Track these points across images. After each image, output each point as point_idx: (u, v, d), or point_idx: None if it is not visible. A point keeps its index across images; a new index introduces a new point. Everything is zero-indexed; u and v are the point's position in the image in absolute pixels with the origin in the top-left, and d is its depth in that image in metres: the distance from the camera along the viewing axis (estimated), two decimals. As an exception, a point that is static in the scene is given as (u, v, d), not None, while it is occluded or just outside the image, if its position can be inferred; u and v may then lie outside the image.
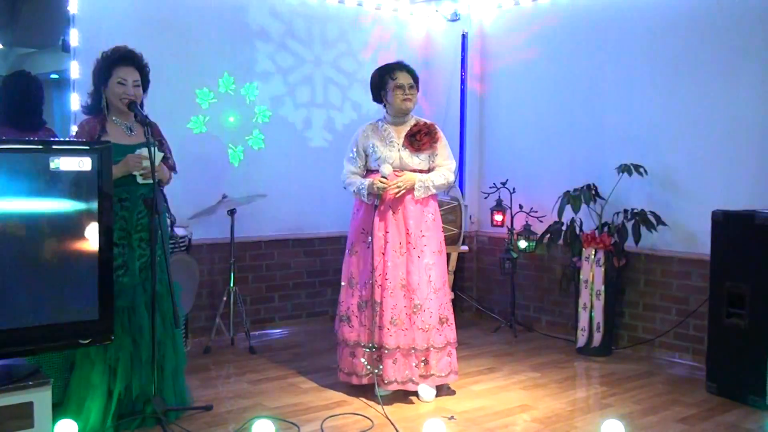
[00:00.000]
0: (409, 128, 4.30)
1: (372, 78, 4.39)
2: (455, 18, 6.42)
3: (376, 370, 4.18)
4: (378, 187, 4.16)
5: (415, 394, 4.30)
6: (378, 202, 4.18)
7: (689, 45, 5.03)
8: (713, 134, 4.93)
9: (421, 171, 4.28)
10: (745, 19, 4.77)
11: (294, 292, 6.02)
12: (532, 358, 5.21)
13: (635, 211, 5.12)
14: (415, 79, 4.32)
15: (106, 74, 3.73)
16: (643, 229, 5.05)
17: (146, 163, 3.62)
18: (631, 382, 4.67)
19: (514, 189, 5.93)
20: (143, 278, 3.72)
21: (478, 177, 6.49)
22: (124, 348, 3.66)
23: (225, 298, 5.29)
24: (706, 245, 4.52)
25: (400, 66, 4.32)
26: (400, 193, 4.18)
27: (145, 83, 3.82)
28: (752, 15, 4.74)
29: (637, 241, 5.08)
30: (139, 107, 3.73)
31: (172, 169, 3.97)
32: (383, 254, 4.20)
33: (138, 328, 3.68)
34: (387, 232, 4.21)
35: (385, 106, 4.38)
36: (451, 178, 4.34)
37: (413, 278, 4.20)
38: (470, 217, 6.42)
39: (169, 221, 4.28)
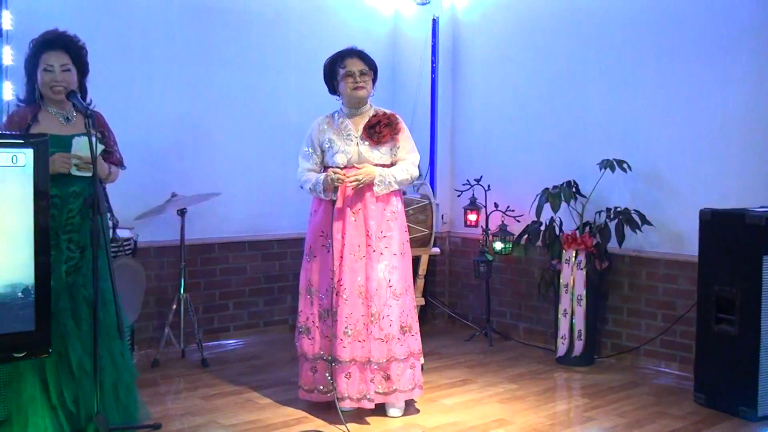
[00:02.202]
0: (367, 120, 4.30)
1: (324, 68, 4.38)
2: (425, 1, 6.43)
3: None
4: (332, 179, 4.12)
5: (376, 411, 4.25)
6: (335, 197, 4.16)
7: (676, 34, 5.09)
8: (701, 128, 4.99)
9: (382, 166, 4.27)
10: (733, 8, 4.83)
11: (250, 299, 5.99)
12: (508, 368, 5.23)
13: (618, 209, 5.16)
14: (370, 64, 4.30)
15: (34, 62, 3.68)
16: (627, 230, 5.10)
17: (84, 156, 3.55)
18: (614, 394, 4.71)
19: (489, 186, 5.96)
20: (70, 283, 3.66)
21: (450, 173, 6.51)
22: (50, 357, 3.59)
23: (174, 307, 5.24)
24: (694, 246, 4.56)
25: (350, 52, 4.30)
26: (358, 187, 4.17)
27: (81, 67, 3.75)
28: (741, 4, 4.81)
29: (620, 242, 5.12)
30: (78, 95, 3.67)
31: (119, 164, 3.91)
32: (341, 258, 4.18)
33: (59, 336, 3.60)
34: (345, 234, 4.19)
35: (339, 97, 4.37)
36: (415, 172, 4.33)
37: (372, 284, 4.17)
38: (442, 216, 6.43)
39: (111, 223, 4.21)
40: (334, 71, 4.31)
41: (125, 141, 4.01)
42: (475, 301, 6.32)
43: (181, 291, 5.25)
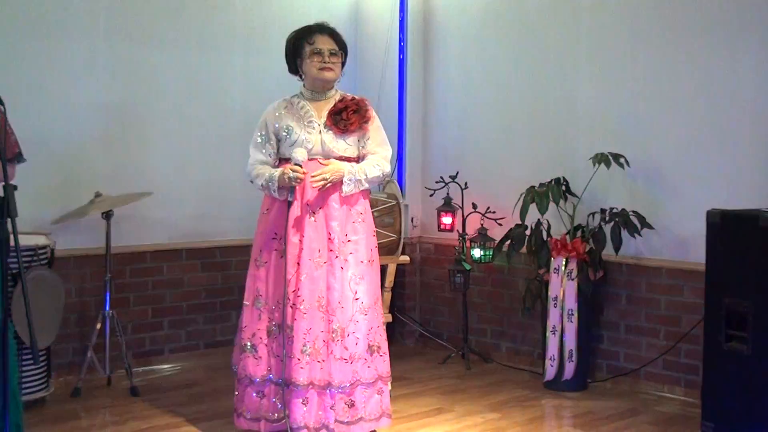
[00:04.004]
0: (333, 105, 4.29)
1: (287, 43, 4.37)
2: (392, -30, 6.44)
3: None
4: (290, 177, 4.10)
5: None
6: (292, 198, 4.14)
7: (678, 10, 5.12)
8: (709, 118, 5.03)
9: (348, 159, 4.26)
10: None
11: (189, 317, 5.96)
12: (490, 395, 5.24)
13: (615, 211, 5.19)
14: (341, 44, 4.31)
15: None
16: (625, 234, 5.12)
17: None
18: (611, 423, 4.72)
19: (466, 184, 5.96)
20: None
21: (421, 169, 6.51)
22: None
23: (99, 326, 5.19)
24: (701, 252, 4.58)
25: (320, 28, 4.31)
26: (325, 187, 4.15)
27: None
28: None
29: (617, 249, 5.14)
30: None
31: (16, 158, 3.79)
32: (298, 265, 4.16)
33: None
34: (303, 237, 4.17)
35: (302, 77, 4.36)
36: (387, 168, 4.34)
37: (334, 295, 4.16)
38: (411, 219, 6.44)
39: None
40: (299, 47, 4.30)
41: (39, 131, 3.96)
42: (450, 318, 6.32)
43: (107, 307, 5.19)
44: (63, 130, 5.31)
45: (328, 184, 4.14)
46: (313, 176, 4.12)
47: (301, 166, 4.13)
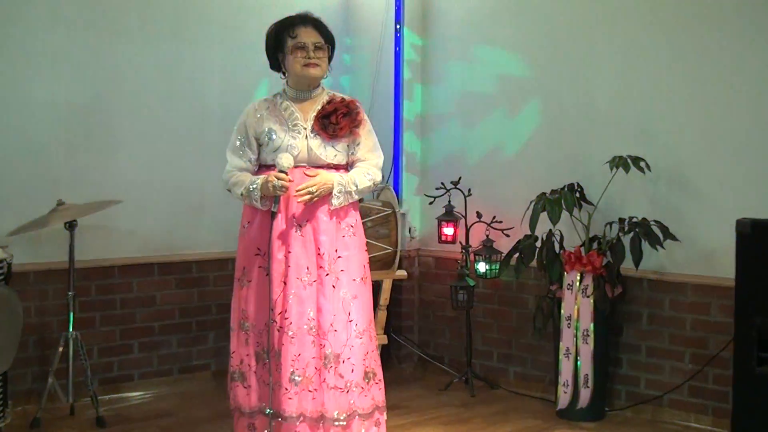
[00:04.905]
0: (319, 106, 4.29)
1: (267, 37, 4.36)
2: (387, -47, 6.47)
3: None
4: (274, 186, 4.10)
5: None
6: (276, 209, 4.14)
7: (710, 6, 5.12)
8: (739, 120, 5.03)
9: (336, 167, 4.27)
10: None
11: (161, 339, 5.96)
12: (496, 424, 5.24)
13: (634, 220, 5.19)
14: (327, 36, 4.31)
15: None
16: (646, 246, 5.12)
17: None
18: (630, 456, 4.73)
19: (469, 191, 5.96)
20: None
21: (420, 174, 6.51)
22: None
23: (61, 349, 5.16)
24: (730, 266, 4.59)
25: (303, 19, 4.30)
26: (312, 202, 4.15)
27: None
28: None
29: (637, 262, 5.14)
30: None
31: None
32: (284, 284, 4.16)
33: None
34: (290, 253, 4.17)
35: (284, 74, 4.36)
36: (378, 177, 4.35)
37: (326, 317, 4.16)
38: (409, 230, 6.45)
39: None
40: (280, 41, 4.30)
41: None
42: (452, 339, 6.32)
43: (70, 328, 5.16)
44: (20, 131, 5.31)
45: (315, 198, 4.14)
46: (297, 191, 4.11)
47: (286, 173, 4.12)
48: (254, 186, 4.18)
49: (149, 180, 5.83)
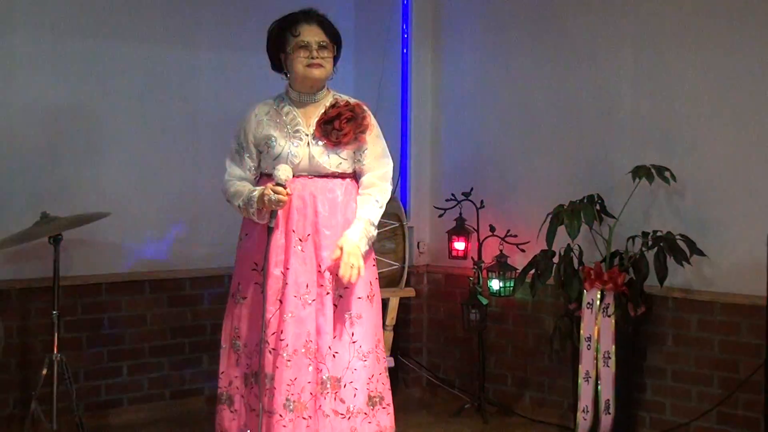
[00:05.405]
0: (323, 110, 4.27)
1: (268, 35, 4.35)
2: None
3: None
4: (270, 200, 4.08)
5: None
6: (273, 224, 4.12)
7: (743, 6, 5.10)
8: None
9: (342, 175, 4.26)
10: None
11: (152, 361, 5.96)
12: (510, 454, 5.22)
13: (659, 234, 5.17)
14: (332, 35, 4.29)
15: None
16: (671, 261, 5.10)
17: None
18: (655, 489, 4.71)
19: (482, 203, 5.95)
20: None
21: (429, 185, 6.52)
22: None
23: (45, 371, 5.13)
24: (761, 284, 4.58)
25: (307, 16, 4.27)
26: (355, 277, 4.09)
27: None
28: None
29: (662, 279, 5.12)
30: None
31: None
32: (280, 302, 4.14)
33: None
34: (287, 269, 4.15)
35: (287, 75, 4.34)
36: (388, 195, 4.33)
37: (325, 339, 4.15)
38: (418, 244, 6.44)
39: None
40: (282, 40, 4.28)
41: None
42: (463, 362, 6.30)
43: (54, 350, 5.13)
44: (1, 138, 5.31)
45: (357, 270, 4.08)
46: (341, 276, 4.07)
47: (284, 186, 4.11)
48: (252, 198, 4.17)
49: (139, 191, 5.83)
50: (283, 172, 4.12)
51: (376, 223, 4.25)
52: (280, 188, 4.09)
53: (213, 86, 6.04)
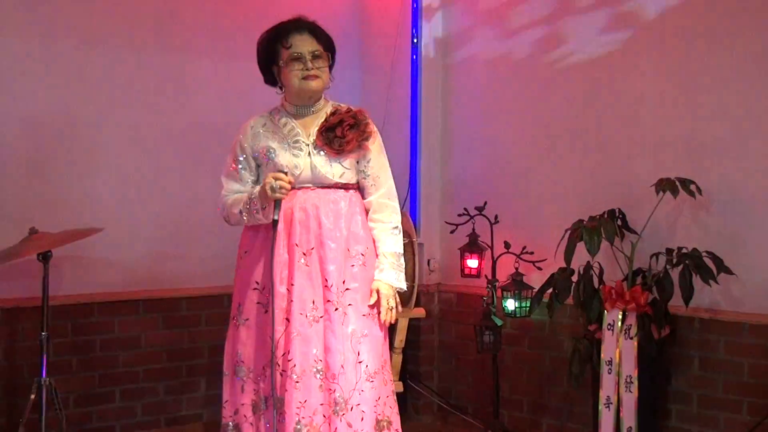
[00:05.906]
0: (323, 119, 4.29)
1: (258, 47, 4.37)
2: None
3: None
4: (272, 188, 4.08)
5: None
6: (277, 216, 4.10)
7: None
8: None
9: (345, 186, 4.28)
10: None
11: (147, 386, 5.97)
12: (526, 485, 5.22)
13: (684, 251, 5.16)
14: (326, 43, 4.31)
15: None
16: (697, 280, 5.09)
17: None
18: None
19: (496, 218, 5.95)
20: None
21: (440, 199, 6.53)
22: None
23: (33, 397, 5.13)
24: (794, 304, 4.58)
25: (297, 25, 4.29)
26: (394, 318, 4.30)
27: None
28: None
29: (687, 299, 5.11)
30: None
31: None
32: (287, 321, 4.15)
33: None
34: (292, 286, 4.16)
35: (281, 89, 4.36)
36: (399, 212, 4.38)
37: (335, 358, 4.15)
38: (428, 262, 6.45)
39: None
40: (273, 52, 4.31)
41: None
42: (476, 386, 6.30)
43: (43, 374, 5.14)
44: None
45: (395, 308, 4.30)
46: (382, 321, 4.26)
47: (285, 172, 4.13)
48: (253, 197, 4.18)
49: (132, 205, 5.86)
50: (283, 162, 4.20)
51: (402, 252, 4.34)
52: (281, 174, 4.12)
53: (208, 97, 6.07)
